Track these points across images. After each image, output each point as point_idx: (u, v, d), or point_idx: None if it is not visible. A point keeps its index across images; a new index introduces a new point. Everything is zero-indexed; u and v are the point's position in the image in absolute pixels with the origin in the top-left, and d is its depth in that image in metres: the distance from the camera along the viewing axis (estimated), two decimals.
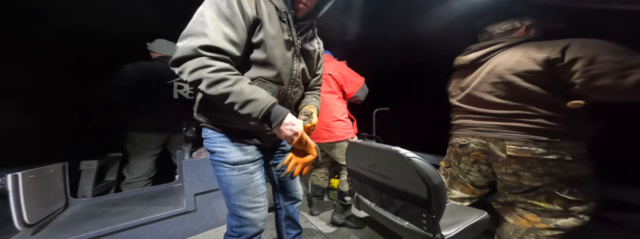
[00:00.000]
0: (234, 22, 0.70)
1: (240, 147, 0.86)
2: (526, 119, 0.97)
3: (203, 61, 0.65)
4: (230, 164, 0.84)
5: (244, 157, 0.86)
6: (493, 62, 1.07)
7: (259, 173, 0.91)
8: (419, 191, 0.83)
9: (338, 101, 1.75)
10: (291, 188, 1.10)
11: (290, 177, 0.81)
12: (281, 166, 0.83)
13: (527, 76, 0.94)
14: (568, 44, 0.85)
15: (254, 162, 0.89)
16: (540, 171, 0.94)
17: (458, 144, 1.23)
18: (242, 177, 0.85)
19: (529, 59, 0.93)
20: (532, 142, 0.95)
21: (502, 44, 1.07)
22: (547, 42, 0.93)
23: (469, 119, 1.19)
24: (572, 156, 0.90)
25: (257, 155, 0.91)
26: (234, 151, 0.84)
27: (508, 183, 1.03)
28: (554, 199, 0.92)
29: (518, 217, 1.01)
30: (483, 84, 1.10)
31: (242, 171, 0.85)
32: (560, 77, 0.88)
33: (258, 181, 0.89)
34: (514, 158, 0.99)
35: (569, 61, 0.83)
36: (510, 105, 1.02)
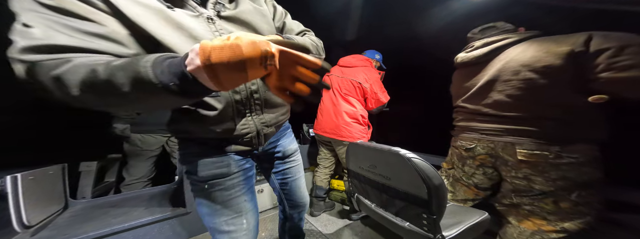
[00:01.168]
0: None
1: (213, 160, 0.73)
2: (539, 122, 0.92)
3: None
4: (200, 180, 0.72)
5: (216, 170, 0.72)
6: (503, 59, 1.00)
7: (241, 189, 0.77)
8: (419, 192, 0.83)
9: (360, 106, 1.82)
10: (298, 196, 0.99)
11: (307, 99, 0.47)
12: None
13: (546, 72, 0.87)
14: (590, 35, 0.80)
15: (231, 177, 0.74)
16: (553, 175, 0.89)
17: (463, 147, 1.17)
18: (215, 195, 0.72)
19: (548, 53, 0.86)
20: (545, 147, 0.90)
21: (510, 39, 1.01)
22: (564, 36, 0.87)
23: (475, 121, 1.13)
24: (586, 159, 0.87)
25: (239, 166, 0.77)
26: (203, 165, 0.72)
27: (517, 186, 0.99)
28: (562, 202, 0.89)
29: (523, 219, 0.98)
30: (493, 82, 1.03)
31: (214, 187, 0.72)
32: (582, 71, 0.82)
33: (237, 198, 0.75)
34: (525, 163, 0.94)
35: (594, 52, 0.77)
36: (522, 105, 0.96)
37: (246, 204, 0.77)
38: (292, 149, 0.95)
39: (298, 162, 0.97)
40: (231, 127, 0.70)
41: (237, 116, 0.69)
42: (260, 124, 0.75)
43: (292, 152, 0.95)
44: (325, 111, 1.89)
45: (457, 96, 1.26)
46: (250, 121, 0.73)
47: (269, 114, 0.78)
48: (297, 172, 0.96)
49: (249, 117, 0.72)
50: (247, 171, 0.80)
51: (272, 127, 0.80)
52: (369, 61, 1.90)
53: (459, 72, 1.27)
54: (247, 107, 0.70)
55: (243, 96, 0.68)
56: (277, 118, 0.82)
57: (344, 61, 1.92)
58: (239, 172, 0.77)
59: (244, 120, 0.72)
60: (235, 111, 0.68)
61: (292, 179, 0.95)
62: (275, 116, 0.80)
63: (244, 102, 0.69)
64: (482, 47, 1.09)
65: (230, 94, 0.66)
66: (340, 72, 1.88)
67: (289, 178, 0.94)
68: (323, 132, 1.87)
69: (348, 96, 1.80)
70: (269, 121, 0.78)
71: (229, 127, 0.69)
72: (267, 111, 0.77)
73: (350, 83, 1.80)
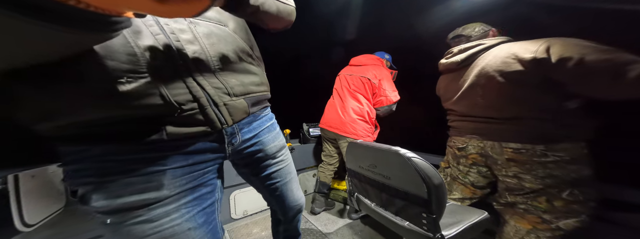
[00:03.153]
0: None
1: (129, 180, 0.43)
2: (521, 122, 0.96)
3: None
4: (99, 211, 0.43)
5: (131, 198, 0.43)
6: (480, 64, 1.06)
7: (183, 215, 0.48)
8: (419, 191, 0.83)
9: (368, 103, 1.81)
10: (291, 200, 0.83)
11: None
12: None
13: (516, 77, 0.93)
14: (548, 44, 0.86)
15: (162, 203, 0.46)
16: (541, 173, 0.93)
17: (456, 147, 1.22)
18: (130, 230, 0.44)
19: (515, 59, 0.93)
20: (530, 146, 0.94)
21: (483, 46, 1.07)
22: (529, 42, 0.94)
23: (465, 121, 1.18)
24: (572, 157, 0.89)
25: (180, 184, 0.48)
26: (107, 189, 0.43)
27: (509, 184, 1.02)
28: (555, 200, 0.92)
29: (519, 218, 1.00)
30: (473, 87, 1.09)
31: (126, 221, 0.44)
32: (552, 76, 0.87)
33: (174, 228, 0.47)
34: (512, 161, 0.98)
35: (557, 60, 0.82)
36: (502, 108, 1.00)
37: (191, 233, 0.49)
38: (279, 146, 0.74)
39: (287, 162, 0.80)
40: (148, 91, 0.40)
41: (151, 70, 0.41)
42: (212, 89, 0.49)
43: (279, 150, 0.75)
44: (332, 106, 1.91)
45: (445, 100, 1.31)
46: (192, 81, 0.46)
47: (227, 77, 0.52)
48: (287, 174, 0.79)
49: (184, 75, 0.45)
50: (201, 188, 0.52)
51: (239, 98, 0.55)
52: (380, 60, 1.91)
53: (443, 77, 1.34)
54: (171, 58, 0.43)
55: (160, 40, 0.42)
56: (246, 87, 0.57)
57: (355, 60, 1.93)
58: (182, 192, 0.48)
59: (170, 79, 0.43)
60: (145, 60, 0.40)
61: (283, 182, 0.77)
62: (240, 82, 0.55)
63: (163, 49, 0.42)
64: (458, 53, 1.16)
65: (126, 35, 0.38)
66: (350, 71, 1.90)
67: (278, 182, 0.76)
68: (328, 127, 1.87)
69: (356, 92, 1.81)
70: (232, 87, 0.53)
71: (144, 91, 0.40)
72: (223, 74, 0.52)
73: (359, 80, 1.81)
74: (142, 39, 0.41)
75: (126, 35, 0.39)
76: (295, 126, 2.37)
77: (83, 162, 0.43)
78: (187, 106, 0.45)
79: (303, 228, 1.74)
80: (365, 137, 1.76)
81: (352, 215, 1.88)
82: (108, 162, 0.43)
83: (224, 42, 0.53)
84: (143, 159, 0.44)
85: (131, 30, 0.40)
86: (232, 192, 1.80)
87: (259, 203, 1.96)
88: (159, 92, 0.42)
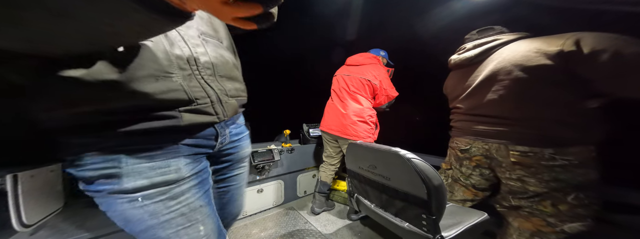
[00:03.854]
0: None
1: (152, 165, 0.52)
2: (533, 123, 0.92)
3: None
4: (126, 192, 0.51)
5: (158, 178, 0.53)
6: (496, 59, 1.00)
7: (195, 194, 0.59)
8: (419, 192, 0.83)
9: (368, 103, 1.82)
10: (236, 205, 0.85)
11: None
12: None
13: (537, 72, 0.87)
14: (579, 36, 0.80)
15: (180, 183, 0.56)
16: (546, 177, 0.89)
17: (459, 148, 1.19)
18: (155, 208, 0.53)
19: (538, 53, 0.87)
20: (538, 149, 0.89)
21: (500, 41, 1.02)
22: (553, 36, 0.88)
23: (471, 121, 1.14)
24: (581, 160, 0.86)
25: (192, 168, 0.59)
26: (134, 172, 0.50)
27: (513, 187, 0.99)
28: (560, 204, 0.89)
29: (523, 220, 0.98)
30: (486, 83, 1.03)
31: (153, 198, 0.53)
32: (579, 71, 0.81)
33: (189, 205, 0.58)
34: (518, 164, 0.95)
35: (589, 53, 0.76)
36: (515, 106, 0.96)
37: (202, 209, 0.60)
38: (247, 153, 0.85)
39: (246, 169, 0.87)
40: (175, 87, 0.51)
41: (178, 72, 0.52)
42: (217, 89, 0.61)
43: (246, 157, 0.84)
44: (331, 108, 1.90)
45: (453, 98, 1.27)
46: (204, 83, 0.58)
47: (225, 83, 0.65)
48: (242, 180, 0.85)
49: (199, 78, 0.57)
50: (202, 173, 0.63)
51: (233, 99, 0.67)
52: (376, 58, 1.89)
53: (453, 74, 1.29)
54: (191, 65, 0.55)
55: (185, 52, 0.54)
56: (237, 91, 0.70)
57: (352, 60, 1.92)
58: (192, 176, 0.59)
59: (190, 80, 0.55)
60: (175, 65, 0.51)
61: (237, 186, 0.83)
62: (233, 87, 0.68)
63: (186, 58, 0.54)
64: (472, 48, 1.11)
65: (164, 44, 0.50)
66: (348, 71, 1.89)
67: (233, 186, 0.82)
68: (329, 130, 1.87)
69: (356, 93, 1.80)
70: (229, 90, 0.65)
71: (171, 87, 0.50)
72: (222, 79, 0.64)
73: (358, 81, 1.80)
74: (174, 49, 0.53)
75: (165, 45, 0.51)
76: (295, 127, 2.37)
77: (105, 151, 0.49)
78: (201, 100, 0.57)
79: (303, 228, 1.73)
80: (367, 138, 1.76)
81: (352, 216, 1.88)
82: (133, 149, 0.51)
83: (222, 56, 0.65)
84: (162, 147, 0.54)
85: (168, 43, 0.51)
86: None
87: (258, 203, 1.96)
88: (183, 89, 0.53)
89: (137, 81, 0.45)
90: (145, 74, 0.46)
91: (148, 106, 0.49)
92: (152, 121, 0.50)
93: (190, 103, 0.55)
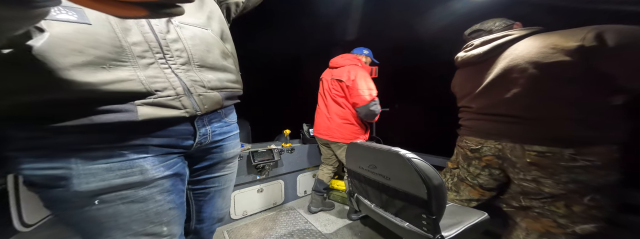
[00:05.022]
0: None
1: (111, 165, 0.47)
2: (551, 123, 0.87)
3: None
4: (80, 196, 0.45)
5: (117, 181, 0.47)
6: (508, 56, 0.95)
7: (165, 197, 0.55)
8: (419, 192, 0.83)
9: (349, 104, 1.79)
10: (217, 207, 0.78)
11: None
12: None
13: (556, 70, 0.82)
14: (600, 30, 0.75)
15: (148, 186, 0.51)
16: (564, 178, 0.85)
17: (469, 148, 1.15)
18: (116, 210, 0.49)
19: (555, 49, 0.81)
20: (557, 149, 0.84)
21: (512, 36, 0.96)
22: (569, 30, 0.83)
23: (482, 120, 1.09)
24: (603, 161, 0.81)
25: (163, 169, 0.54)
26: (89, 173, 0.45)
27: (526, 188, 0.95)
28: (574, 205, 0.85)
29: (532, 221, 0.95)
30: (499, 81, 0.98)
31: (113, 202, 0.48)
32: (601, 67, 0.76)
33: (157, 208, 0.53)
34: (534, 165, 0.90)
35: (615, 47, 0.71)
36: (531, 105, 0.91)
37: (170, 212, 0.56)
38: (235, 153, 0.77)
39: (233, 170, 0.80)
40: (127, 77, 0.45)
41: (135, 61, 0.46)
42: (190, 81, 0.54)
43: (233, 157, 0.77)
44: (319, 112, 1.92)
45: (462, 96, 1.22)
46: (170, 73, 0.51)
47: (205, 73, 0.58)
48: (228, 181, 0.78)
49: (164, 67, 0.50)
50: (175, 175, 0.57)
51: (214, 91, 0.59)
52: (356, 59, 1.83)
53: (460, 71, 1.24)
54: (155, 53, 0.49)
55: (148, 38, 0.48)
56: (222, 82, 0.62)
57: (333, 62, 1.89)
58: (163, 178, 0.54)
59: (151, 69, 0.48)
60: (130, 52, 0.46)
61: (219, 188, 0.76)
62: (216, 78, 0.61)
63: (149, 45, 0.48)
64: (481, 45, 1.06)
65: (114, 31, 0.44)
66: (330, 73, 1.87)
67: (213, 187, 0.74)
68: (318, 134, 1.90)
69: (338, 96, 1.79)
70: (209, 81, 0.58)
71: (122, 77, 0.44)
72: (201, 69, 0.57)
73: (337, 83, 1.78)
74: (131, 36, 0.47)
75: (116, 31, 0.45)
76: (296, 126, 2.37)
77: (52, 149, 0.44)
78: (164, 92, 0.50)
79: (303, 228, 1.73)
80: (355, 139, 1.73)
81: (352, 216, 1.88)
82: (86, 149, 0.45)
83: (205, 44, 0.59)
84: (121, 146, 0.48)
85: (121, 28, 0.46)
86: (232, 192, 1.80)
87: (258, 203, 1.96)
88: (138, 79, 0.46)
89: (70, 70, 0.40)
90: (82, 62, 0.41)
91: (93, 98, 0.43)
92: (100, 115, 0.44)
93: (148, 95, 0.48)
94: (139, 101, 0.47)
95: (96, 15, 0.42)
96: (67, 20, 0.40)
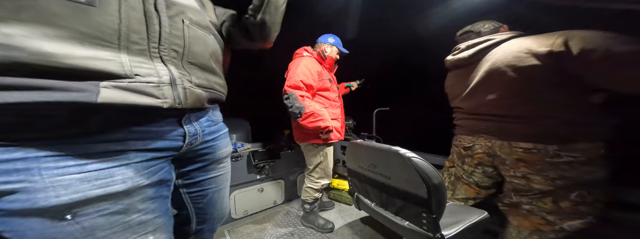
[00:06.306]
0: None
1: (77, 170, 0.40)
2: (533, 121, 0.92)
3: None
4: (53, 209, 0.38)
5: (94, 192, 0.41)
6: (490, 60, 1.02)
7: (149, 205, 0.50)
8: (419, 191, 0.83)
9: (310, 102, 1.54)
10: (218, 208, 0.76)
11: None
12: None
13: (530, 72, 0.88)
14: (567, 36, 0.81)
15: (131, 195, 0.46)
16: (552, 174, 0.88)
17: (462, 146, 1.19)
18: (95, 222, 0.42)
19: (529, 53, 0.88)
20: (542, 146, 0.89)
21: (493, 41, 1.02)
22: (542, 35, 0.89)
23: (472, 120, 1.14)
24: (589, 157, 0.84)
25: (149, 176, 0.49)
26: (51, 184, 0.38)
27: (517, 185, 0.98)
28: (561, 201, 0.88)
29: (522, 219, 0.98)
30: (483, 83, 1.05)
31: (89, 216, 0.41)
32: (570, 70, 0.82)
33: (140, 218, 0.48)
34: (522, 161, 0.94)
35: (579, 53, 0.77)
36: (514, 105, 0.96)
37: (156, 220, 0.50)
38: (227, 153, 0.75)
39: (227, 169, 0.77)
40: (105, 57, 0.40)
41: (124, 45, 0.42)
42: (177, 72, 0.51)
43: (226, 156, 0.75)
44: None
45: (453, 97, 1.27)
46: (159, 61, 0.48)
47: (195, 70, 0.56)
48: (224, 181, 0.76)
49: (154, 55, 0.47)
50: (162, 181, 0.53)
51: (200, 89, 0.57)
52: (304, 49, 1.64)
53: (451, 74, 1.29)
54: (151, 42, 0.46)
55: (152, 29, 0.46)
56: (210, 83, 0.61)
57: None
58: (148, 185, 0.49)
59: (139, 55, 0.45)
60: (124, 37, 0.42)
61: (216, 189, 0.73)
62: (205, 77, 0.59)
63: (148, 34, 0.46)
64: (466, 49, 1.12)
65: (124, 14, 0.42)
66: None
67: (211, 189, 0.72)
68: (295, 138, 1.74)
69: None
70: (197, 78, 0.56)
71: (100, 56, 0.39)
72: (192, 67, 0.56)
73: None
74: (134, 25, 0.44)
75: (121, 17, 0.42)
76: None
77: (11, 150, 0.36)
78: (145, 78, 0.44)
79: (304, 227, 1.74)
80: (312, 140, 1.57)
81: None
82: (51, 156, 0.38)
83: (204, 45, 0.59)
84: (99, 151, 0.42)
85: (128, 6, 0.43)
86: (232, 192, 1.80)
87: (258, 203, 1.96)
88: (119, 61, 0.41)
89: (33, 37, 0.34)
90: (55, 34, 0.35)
91: (42, 70, 0.35)
92: (35, 92, 0.35)
93: (124, 78, 0.41)
94: (106, 82, 0.39)
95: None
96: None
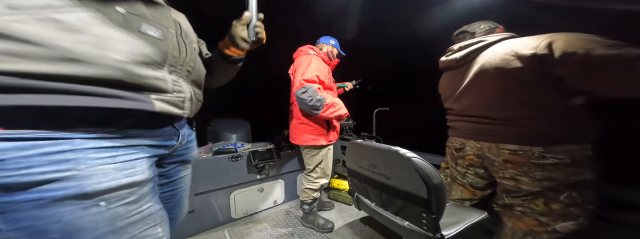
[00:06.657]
0: None
1: (120, 165, 0.48)
2: (519, 123, 0.93)
3: None
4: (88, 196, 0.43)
5: (125, 180, 0.48)
6: (479, 62, 1.03)
7: (153, 196, 0.56)
8: (419, 191, 0.83)
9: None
10: (181, 207, 0.82)
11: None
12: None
13: (516, 75, 0.90)
14: (551, 39, 0.82)
15: (145, 184, 0.53)
16: (539, 176, 0.90)
17: (454, 147, 1.20)
18: (116, 212, 0.47)
19: (515, 56, 0.89)
20: (527, 147, 0.91)
21: (484, 42, 1.04)
22: (531, 37, 0.90)
23: (462, 121, 1.16)
24: (574, 159, 0.86)
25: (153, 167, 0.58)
26: (101, 172, 0.44)
27: (506, 186, 1.00)
28: (552, 203, 0.90)
29: (516, 220, 0.99)
30: (473, 85, 1.06)
31: (114, 203, 0.47)
32: (554, 73, 0.83)
33: (151, 208, 0.54)
34: (509, 163, 0.96)
35: (560, 56, 0.78)
36: (501, 107, 0.98)
37: (161, 212, 0.58)
38: (195, 154, 0.85)
39: (190, 171, 0.86)
40: (160, 76, 0.54)
41: (167, 68, 0.57)
42: (193, 91, 0.66)
43: (192, 159, 0.84)
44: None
45: (446, 98, 1.29)
46: (183, 81, 0.62)
47: (197, 89, 0.70)
48: (189, 181, 0.84)
49: (182, 75, 0.62)
50: (155, 176, 0.61)
51: (198, 102, 0.72)
52: (310, 48, 1.64)
53: (444, 75, 1.31)
54: (179, 65, 0.60)
55: (182, 56, 0.61)
56: (201, 97, 0.74)
57: (294, 56, 1.71)
58: (152, 178, 0.57)
59: (174, 75, 0.59)
60: (168, 62, 0.56)
61: (184, 188, 0.81)
62: (200, 94, 0.73)
63: (179, 60, 0.60)
64: (458, 50, 1.13)
65: (183, 48, 0.60)
66: (291, 68, 1.70)
67: (180, 188, 0.79)
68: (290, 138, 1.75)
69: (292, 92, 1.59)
70: (199, 94, 0.71)
71: (157, 76, 0.53)
72: (193, 84, 0.68)
73: (291, 77, 1.63)
74: (173, 52, 0.59)
75: (182, 46, 0.61)
76: None
77: (53, 144, 0.41)
78: (180, 94, 0.60)
79: (304, 227, 1.74)
80: (311, 140, 1.56)
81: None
82: (95, 148, 0.46)
83: (200, 66, 0.73)
84: (124, 146, 0.51)
85: (174, 46, 0.59)
86: (232, 192, 1.80)
87: (258, 202, 1.96)
88: (168, 80, 0.56)
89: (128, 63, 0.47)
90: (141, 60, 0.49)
91: (123, 82, 0.46)
92: (118, 100, 0.46)
93: (166, 93, 0.55)
94: (154, 95, 0.53)
95: (166, 33, 0.56)
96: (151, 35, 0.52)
